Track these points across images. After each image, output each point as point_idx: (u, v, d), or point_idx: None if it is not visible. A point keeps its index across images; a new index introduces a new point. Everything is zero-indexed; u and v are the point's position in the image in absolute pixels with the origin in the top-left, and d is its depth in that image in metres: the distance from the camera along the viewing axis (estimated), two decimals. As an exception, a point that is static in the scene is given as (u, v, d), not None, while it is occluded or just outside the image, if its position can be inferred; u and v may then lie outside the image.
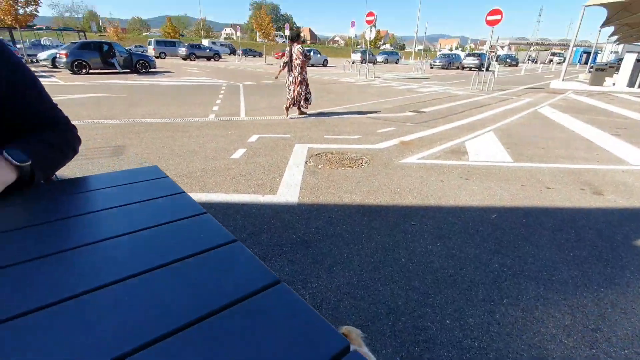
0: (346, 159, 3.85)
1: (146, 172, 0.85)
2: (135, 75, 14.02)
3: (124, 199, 0.68)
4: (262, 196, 2.79)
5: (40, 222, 0.58)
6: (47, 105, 0.82)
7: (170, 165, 3.47)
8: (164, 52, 31.81)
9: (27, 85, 0.77)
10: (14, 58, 0.76)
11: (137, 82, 11.39)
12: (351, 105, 7.93)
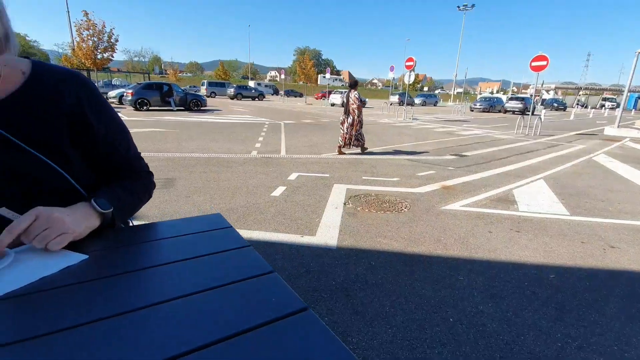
0: (385, 202, 3.78)
1: (210, 220, 0.89)
2: (189, 112, 15.29)
3: (191, 251, 0.70)
4: (302, 237, 2.78)
5: (108, 275, 0.60)
6: (133, 154, 0.90)
7: (215, 200, 3.61)
8: (214, 92, 34.74)
9: (120, 137, 0.86)
10: (111, 110, 0.86)
11: (189, 119, 12.38)
12: (389, 146, 7.95)
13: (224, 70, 60.82)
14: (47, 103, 0.74)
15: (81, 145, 0.79)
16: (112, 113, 0.85)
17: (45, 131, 0.73)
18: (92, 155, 0.82)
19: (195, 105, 16.77)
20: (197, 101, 16.88)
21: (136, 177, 0.91)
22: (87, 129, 0.78)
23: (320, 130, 10.66)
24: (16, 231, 0.60)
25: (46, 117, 0.73)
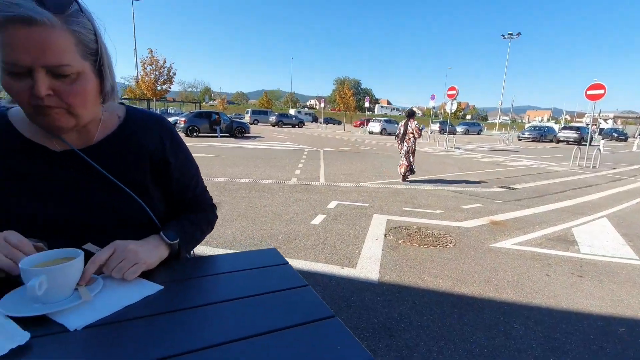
0: (428, 235, 3.63)
1: (266, 255, 0.91)
2: (233, 139, 16.18)
3: (250, 288, 0.72)
4: (342, 268, 2.73)
5: (182, 309, 0.64)
6: (201, 189, 0.98)
7: (257, 225, 3.71)
8: (257, 120, 36.58)
9: (192, 174, 0.94)
10: (187, 150, 0.95)
11: (234, 145, 13.09)
12: (430, 176, 7.74)
13: (267, 99, 64.22)
14: (136, 144, 0.83)
15: (160, 182, 0.87)
16: (187, 153, 0.94)
17: (134, 169, 0.82)
18: (168, 191, 0.90)
19: (240, 132, 17.73)
20: (241, 128, 17.86)
21: (201, 209, 0.97)
22: (166, 168, 0.87)
23: (358, 158, 10.70)
24: (98, 262, 0.66)
25: (135, 157, 0.82)
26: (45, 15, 0.59)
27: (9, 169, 0.73)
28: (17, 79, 0.61)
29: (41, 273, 0.54)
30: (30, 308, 0.55)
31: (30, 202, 0.73)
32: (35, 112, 0.65)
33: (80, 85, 0.67)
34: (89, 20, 0.67)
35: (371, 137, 23.89)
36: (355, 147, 14.43)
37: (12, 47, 0.59)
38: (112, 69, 0.76)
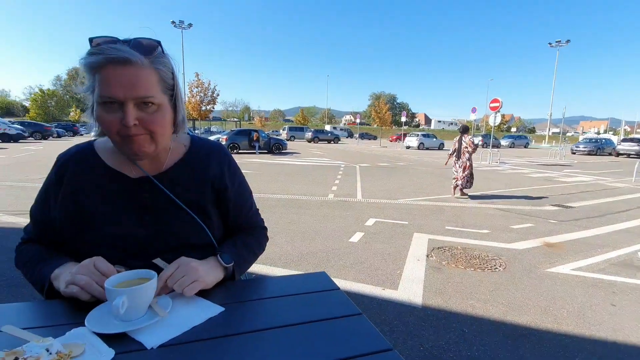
0: (475, 257, 3.44)
1: (315, 279, 0.92)
2: (271, 155, 16.69)
3: (302, 314, 0.73)
4: (383, 289, 2.66)
5: (241, 332, 0.66)
6: (254, 211, 1.04)
7: (296, 242, 3.75)
8: (293, 136, 37.54)
9: (246, 197, 1.00)
10: (242, 175, 1.01)
11: (272, 161, 13.49)
12: (473, 193, 7.37)
13: (303, 116, 65.73)
14: (199, 171, 0.90)
15: (219, 205, 0.93)
16: (242, 178, 1.01)
17: (197, 194, 0.88)
18: (225, 213, 0.95)
19: (277, 148, 18.26)
20: (279, 145, 18.40)
21: (254, 231, 1.03)
22: (224, 193, 0.93)
23: (396, 174, 10.51)
24: (165, 277, 0.73)
25: (198, 183, 0.89)
26: (138, 57, 0.70)
27: (92, 192, 0.83)
28: (110, 112, 0.71)
29: (123, 293, 0.60)
30: (113, 325, 0.60)
31: (109, 223, 0.82)
32: (122, 141, 0.74)
33: (161, 115, 0.76)
34: (168, 60, 0.77)
35: (408, 152, 23.42)
36: (392, 163, 14.22)
37: (109, 83, 0.69)
38: (183, 103, 0.85)
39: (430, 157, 18.54)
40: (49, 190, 0.85)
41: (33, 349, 0.48)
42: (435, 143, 27.73)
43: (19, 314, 0.70)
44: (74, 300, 0.69)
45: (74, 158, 0.86)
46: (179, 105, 0.82)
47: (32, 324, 0.64)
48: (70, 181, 0.83)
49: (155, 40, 0.75)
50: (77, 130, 35.62)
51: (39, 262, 0.81)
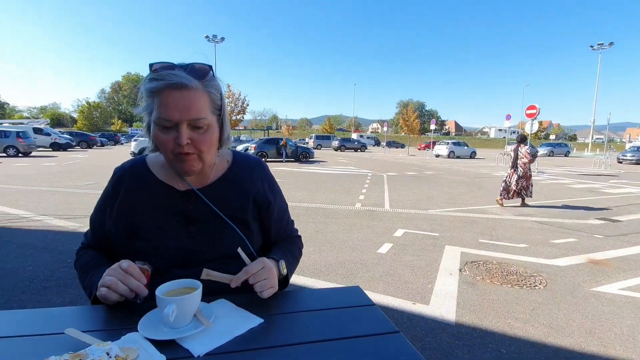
0: (512, 273, 3.27)
1: (350, 294, 0.92)
2: (298, 163, 16.90)
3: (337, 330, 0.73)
4: (414, 304, 2.59)
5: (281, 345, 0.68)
6: (290, 222, 1.08)
7: (323, 252, 3.75)
8: (320, 144, 37.83)
9: (283, 208, 1.04)
10: (279, 188, 1.05)
11: (299, 169, 13.65)
12: (508, 204, 7.04)
13: (330, 125, 66.17)
14: (241, 185, 0.95)
15: (258, 217, 0.97)
16: (279, 190, 1.05)
17: (239, 207, 0.92)
18: (263, 225, 0.99)
19: (304, 156, 18.48)
20: (306, 153, 18.62)
21: (291, 240, 1.07)
22: (267, 207, 0.97)
23: (425, 183, 10.26)
24: (250, 272, 0.78)
25: (239, 196, 0.93)
26: (193, 82, 0.76)
27: (144, 203, 0.89)
28: (166, 132, 0.78)
29: (173, 302, 0.64)
30: (162, 332, 0.64)
31: (157, 233, 0.87)
32: (175, 159, 0.80)
33: (209, 134, 0.81)
34: (217, 83, 0.83)
35: (438, 160, 22.84)
36: (421, 172, 13.91)
37: (167, 107, 0.75)
38: (228, 122, 0.90)
39: (461, 165, 17.96)
40: (106, 200, 0.92)
41: (95, 352, 0.52)
42: (466, 151, 26.81)
43: (77, 317, 0.76)
44: (125, 306, 0.74)
45: (129, 171, 0.93)
46: (225, 124, 0.88)
47: (89, 327, 0.69)
48: (124, 193, 0.90)
49: (208, 64, 0.81)
50: (118, 139, 38.08)
51: (91, 269, 0.87)
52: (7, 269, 3.07)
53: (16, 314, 0.75)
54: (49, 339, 0.64)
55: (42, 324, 0.70)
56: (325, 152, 29.96)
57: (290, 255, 0.98)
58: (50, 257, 3.40)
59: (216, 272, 0.80)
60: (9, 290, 2.69)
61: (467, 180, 11.06)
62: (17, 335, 0.65)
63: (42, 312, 0.76)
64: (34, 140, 18.63)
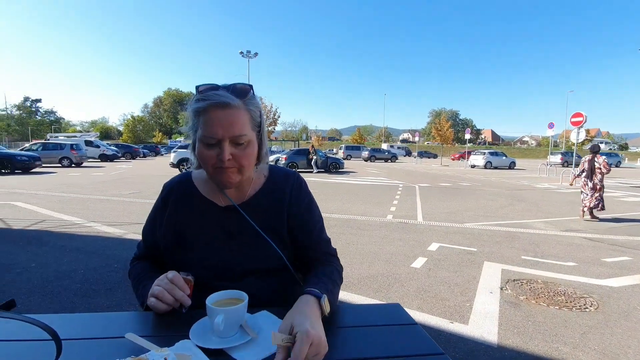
0: (560, 294, 3.03)
1: (389, 311, 0.91)
2: (328, 174, 16.95)
3: (380, 348, 0.72)
4: (451, 322, 2.48)
5: None
6: (325, 238, 1.03)
7: (355, 265, 3.71)
8: (350, 155, 37.78)
9: (316, 222, 1.01)
10: (313, 201, 1.04)
11: (329, 180, 13.68)
12: (554, 218, 6.59)
13: (359, 135, 66.03)
14: (277, 199, 0.97)
15: (293, 230, 0.97)
16: (313, 203, 1.03)
17: (275, 221, 0.95)
18: (297, 239, 0.98)
19: (334, 167, 18.51)
20: (335, 164, 18.65)
21: (329, 262, 0.99)
22: (299, 218, 0.97)
23: (460, 195, 9.89)
24: (301, 357, 0.59)
25: (275, 210, 0.96)
26: (235, 101, 0.81)
27: (188, 217, 0.94)
28: (209, 148, 0.82)
29: (222, 312, 0.66)
30: (212, 341, 0.67)
31: (200, 246, 0.92)
32: (215, 172, 0.85)
33: (250, 150, 0.85)
34: (257, 101, 0.88)
35: (473, 171, 21.94)
36: (455, 183, 13.42)
37: (211, 124, 0.80)
38: (267, 138, 0.94)
39: (499, 177, 17.12)
40: (156, 213, 0.99)
41: (154, 357, 0.56)
42: (504, 162, 25.52)
43: (133, 322, 0.81)
44: (175, 313, 0.78)
45: (176, 186, 0.99)
46: (264, 140, 0.92)
47: (144, 332, 0.74)
48: (172, 206, 0.96)
49: (248, 84, 0.86)
50: (158, 150, 40.44)
51: (143, 280, 0.91)
52: (62, 272, 3.33)
53: (80, 317, 0.82)
54: (111, 342, 0.70)
55: (103, 328, 0.76)
56: (355, 163, 29.84)
57: (331, 284, 0.88)
58: (99, 261, 3.65)
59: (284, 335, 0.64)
60: (63, 292, 2.91)
61: (506, 193, 10.51)
62: (82, 337, 0.71)
63: (102, 316, 0.82)
64: (85, 152, 20.29)
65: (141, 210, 6.54)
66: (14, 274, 3.27)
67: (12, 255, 3.76)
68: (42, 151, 17.90)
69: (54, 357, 0.58)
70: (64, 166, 18.28)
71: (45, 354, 0.60)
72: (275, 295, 0.93)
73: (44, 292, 2.90)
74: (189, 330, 0.71)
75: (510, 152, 48.17)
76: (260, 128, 0.89)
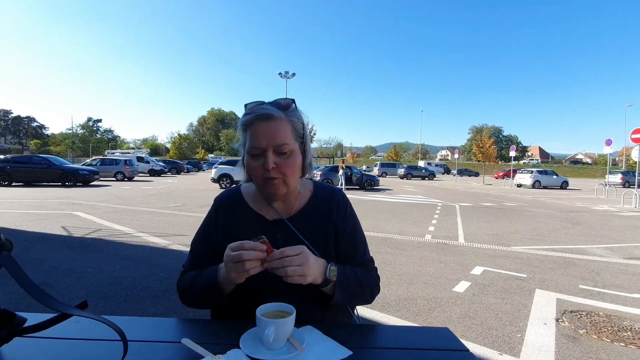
0: (625, 329, 2.70)
1: (439, 335, 0.87)
2: (363, 191, 16.80)
3: None
4: (500, 354, 2.29)
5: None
6: (368, 257, 1.04)
7: (392, 285, 3.59)
8: (385, 172, 37.25)
9: (360, 240, 1.03)
10: (357, 218, 1.05)
11: (364, 197, 13.53)
12: (615, 244, 5.95)
13: (395, 152, 65.11)
14: (323, 215, 0.99)
15: (338, 247, 0.98)
16: (358, 222, 1.05)
17: (321, 236, 0.96)
18: (342, 255, 0.99)
19: (369, 184, 18.32)
20: (371, 181, 18.46)
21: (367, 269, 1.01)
22: (345, 236, 0.98)
23: (505, 216, 9.29)
24: (285, 253, 0.76)
25: (322, 225, 0.97)
26: (277, 112, 0.87)
27: (238, 229, 0.98)
28: (255, 159, 0.88)
29: (272, 324, 0.68)
30: (261, 352, 0.68)
31: None
32: (263, 184, 0.89)
33: (293, 159, 0.89)
34: (300, 114, 0.93)
35: (520, 190, 20.60)
36: (500, 203, 12.66)
37: (256, 136, 0.86)
38: (310, 150, 0.98)
39: (549, 197, 15.90)
40: (207, 226, 1.03)
41: (210, 363, 0.58)
42: (555, 181, 23.70)
43: (186, 328, 0.86)
44: (230, 323, 0.81)
45: (226, 200, 1.04)
46: (307, 151, 0.95)
47: (198, 339, 0.77)
48: (223, 218, 1.01)
49: (291, 99, 0.93)
50: (200, 166, 42.69)
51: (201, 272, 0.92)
52: (114, 278, 3.57)
53: (141, 321, 0.88)
54: (169, 347, 0.74)
55: (161, 332, 0.80)
56: (390, 180, 29.33)
57: (352, 272, 0.92)
58: (147, 270, 3.88)
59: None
60: (115, 297, 3.11)
61: (558, 215, 9.71)
62: (143, 340, 0.76)
63: (160, 321, 0.87)
64: (136, 167, 21.99)
65: (184, 222, 6.88)
66: (74, 277, 3.57)
67: (73, 261, 4.12)
68: (100, 166, 19.71)
69: (120, 357, 0.63)
70: (118, 180, 19.89)
71: (112, 353, 0.65)
72: (318, 312, 0.93)
73: (99, 296, 3.12)
74: (238, 339, 0.73)
75: (561, 171, 44.73)
76: (303, 139, 0.94)
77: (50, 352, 0.70)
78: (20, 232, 5.67)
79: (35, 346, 0.72)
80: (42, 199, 10.15)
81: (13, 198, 10.30)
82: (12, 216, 7.09)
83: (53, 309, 0.64)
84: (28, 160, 16.00)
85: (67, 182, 15.14)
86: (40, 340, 0.73)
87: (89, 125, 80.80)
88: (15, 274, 0.62)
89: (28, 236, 5.37)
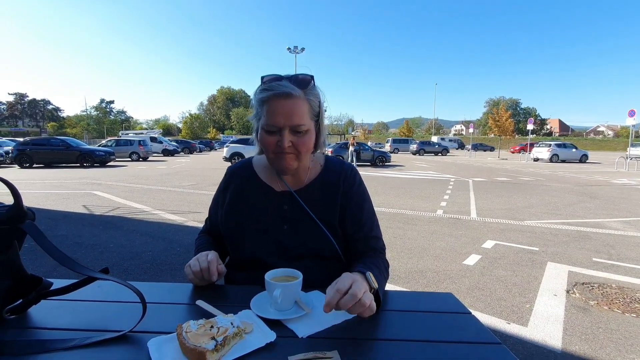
0: (637, 301, 2.69)
1: (442, 299, 0.90)
2: (374, 167, 16.71)
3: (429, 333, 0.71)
4: (508, 323, 2.34)
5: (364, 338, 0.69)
6: (374, 234, 1.01)
7: (403, 259, 3.65)
8: (397, 148, 36.79)
9: (367, 216, 1.01)
10: (366, 194, 1.04)
11: (375, 174, 13.47)
12: (633, 218, 5.81)
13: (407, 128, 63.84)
14: (331, 188, 0.99)
15: (343, 221, 0.98)
16: (366, 198, 1.03)
17: (328, 210, 0.97)
18: (347, 230, 0.98)
19: (381, 161, 18.19)
20: (382, 157, 18.31)
21: (375, 255, 0.99)
22: (350, 209, 0.98)
23: (520, 190, 9.13)
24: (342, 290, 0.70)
25: (329, 199, 0.98)
26: (297, 91, 0.85)
27: (247, 199, 1.00)
28: (270, 135, 0.88)
29: (280, 286, 0.71)
30: (270, 312, 0.72)
31: (256, 227, 0.97)
32: (275, 157, 0.90)
33: (308, 138, 0.89)
34: (317, 92, 0.91)
35: (536, 165, 20.09)
36: (515, 177, 12.42)
37: (274, 113, 0.85)
38: (325, 128, 0.97)
39: (568, 171, 15.47)
40: (219, 193, 1.07)
41: (222, 321, 0.62)
42: (574, 154, 22.91)
43: (203, 293, 0.90)
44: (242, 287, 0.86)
45: (238, 171, 1.07)
46: (322, 129, 0.95)
47: (212, 302, 0.81)
48: (233, 188, 1.03)
49: (310, 75, 0.89)
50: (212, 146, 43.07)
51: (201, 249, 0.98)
52: (134, 252, 3.74)
53: (158, 286, 0.93)
54: (184, 307, 0.79)
55: (178, 295, 0.85)
56: (402, 156, 29.00)
57: (377, 270, 0.87)
58: (164, 245, 4.04)
59: None
60: (136, 270, 3.28)
61: (575, 189, 9.48)
62: (161, 302, 0.81)
63: (176, 286, 0.92)
64: (150, 147, 22.34)
65: (199, 200, 7.05)
66: (97, 252, 3.76)
67: (95, 237, 4.32)
68: (115, 147, 20.11)
69: (139, 317, 0.67)
70: (133, 160, 20.31)
71: (133, 313, 0.70)
72: (327, 280, 0.95)
73: (121, 268, 3.29)
74: (249, 301, 0.77)
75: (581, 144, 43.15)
76: (318, 117, 0.93)
77: (75, 313, 0.76)
78: (44, 210, 5.94)
79: (60, 307, 0.77)
80: (62, 180, 10.52)
81: (35, 179, 10.71)
82: (36, 196, 7.41)
83: (79, 272, 0.69)
84: (47, 142, 16.46)
85: (84, 163, 15.57)
86: (65, 303, 0.79)
87: (102, 107, 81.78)
88: (40, 241, 0.67)
89: (52, 214, 5.63)
